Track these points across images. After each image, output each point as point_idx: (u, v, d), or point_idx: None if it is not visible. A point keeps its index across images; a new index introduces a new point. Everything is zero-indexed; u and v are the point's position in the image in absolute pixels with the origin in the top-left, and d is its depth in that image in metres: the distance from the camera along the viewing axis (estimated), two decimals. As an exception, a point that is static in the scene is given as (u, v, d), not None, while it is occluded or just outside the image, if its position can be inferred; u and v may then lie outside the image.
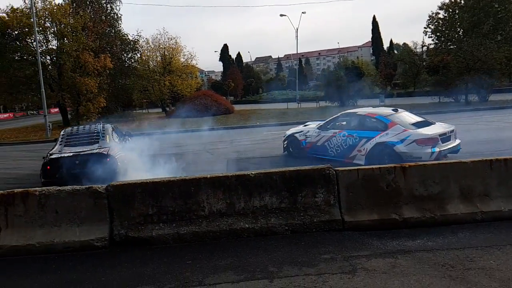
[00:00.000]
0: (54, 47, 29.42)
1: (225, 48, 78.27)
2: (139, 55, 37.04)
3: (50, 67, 29.85)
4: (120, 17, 36.75)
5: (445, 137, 8.46)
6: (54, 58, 29.26)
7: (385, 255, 4.25)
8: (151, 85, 36.38)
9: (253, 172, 5.09)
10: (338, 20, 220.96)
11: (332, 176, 5.10)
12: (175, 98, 39.63)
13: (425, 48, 43.46)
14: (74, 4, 33.25)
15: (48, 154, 8.64)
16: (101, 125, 10.00)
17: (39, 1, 28.54)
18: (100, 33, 32.16)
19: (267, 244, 4.74)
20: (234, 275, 4.00)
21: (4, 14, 27.77)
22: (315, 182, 5.08)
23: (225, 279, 3.94)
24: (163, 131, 22.21)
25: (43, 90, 24.33)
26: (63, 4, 31.26)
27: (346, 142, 9.33)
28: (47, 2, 29.16)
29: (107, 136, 9.40)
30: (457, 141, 8.87)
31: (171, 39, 37.23)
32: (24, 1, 29.43)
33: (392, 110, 9.54)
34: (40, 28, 27.52)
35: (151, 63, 37.76)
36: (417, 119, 9.27)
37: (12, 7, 28.18)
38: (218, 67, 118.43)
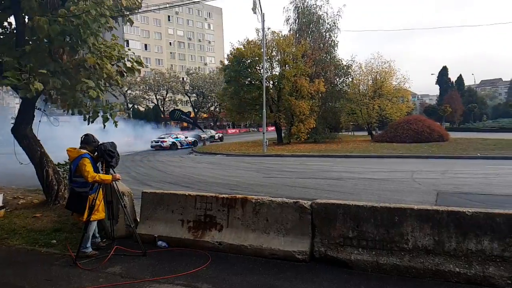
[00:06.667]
0: (276, 73, 33.19)
1: (443, 70, 71.72)
2: (350, 79, 37.88)
3: (271, 90, 33.76)
4: (337, 44, 38.40)
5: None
6: (276, 82, 32.95)
7: None
8: (360, 108, 36.62)
9: (470, 210, 4.45)
10: None
11: None
12: (383, 122, 38.67)
13: None
14: (297, 34, 36.80)
15: None
16: None
17: (269, 34, 32.86)
18: (317, 60, 34.45)
19: (482, 296, 4.06)
20: (438, 322, 3.55)
21: (241, 46, 33.11)
22: (556, 233, 4.08)
23: (428, 324, 3.54)
24: (365, 154, 21.97)
25: (264, 110, 27.63)
26: (288, 35, 35.03)
27: None
28: (276, 34, 33.30)
29: None
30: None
31: (385, 62, 36.73)
32: (257, 34, 34.41)
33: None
34: (268, 57, 31.52)
35: (361, 86, 38.05)
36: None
37: (247, 40, 33.42)
38: (434, 90, 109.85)
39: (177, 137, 35.22)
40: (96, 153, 5.90)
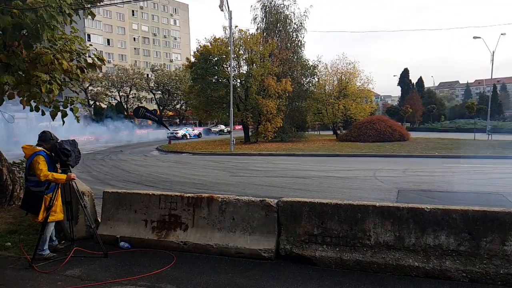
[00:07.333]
0: (244, 72, 33.12)
1: (405, 72, 74.36)
2: (317, 79, 38.43)
3: (239, 89, 33.65)
4: (304, 44, 38.74)
5: None
6: (243, 81, 32.87)
7: None
8: (325, 108, 37.29)
9: (428, 207, 4.63)
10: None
11: (532, 224, 4.24)
12: (347, 122, 39.59)
13: None
14: (265, 33, 36.88)
15: None
16: None
17: (236, 32, 32.69)
18: (284, 59, 34.68)
19: (439, 288, 4.22)
20: (399, 316, 3.66)
21: (208, 43, 32.79)
22: (505, 227, 4.31)
23: (388, 317, 3.65)
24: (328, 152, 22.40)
25: (232, 109, 27.50)
26: (256, 34, 35.05)
27: None
28: (243, 32, 33.22)
29: None
30: None
31: (349, 63, 37.57)
32: (225, 32, 34.20)
33: None
34: (235, 55, 31.38)
35: (327, 87, 38.75)
36: None
37: (214, 37, 33.11)
38: (396, 91, 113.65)
39: (187, 130, 45.38)
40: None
